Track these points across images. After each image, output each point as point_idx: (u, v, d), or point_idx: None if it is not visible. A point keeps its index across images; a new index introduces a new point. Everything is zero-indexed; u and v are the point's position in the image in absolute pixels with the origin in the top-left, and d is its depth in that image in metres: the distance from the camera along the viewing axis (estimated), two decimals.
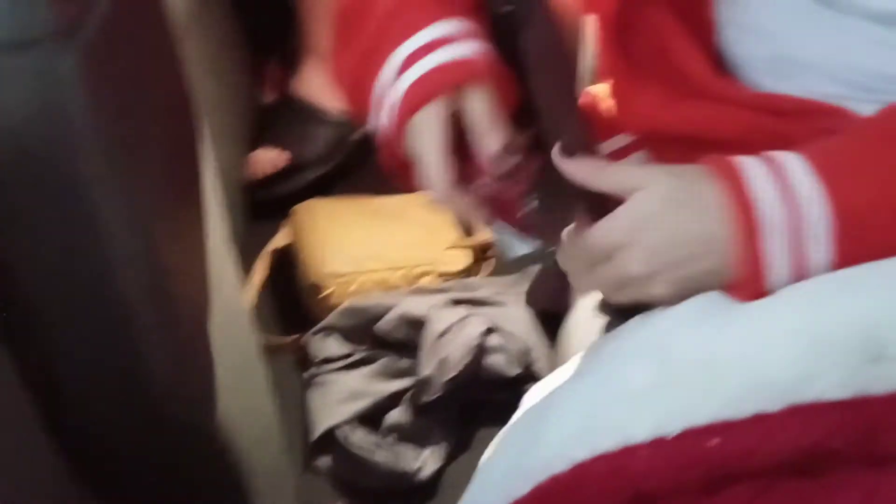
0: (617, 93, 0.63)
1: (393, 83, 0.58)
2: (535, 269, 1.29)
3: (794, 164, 0.48)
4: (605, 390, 0.46)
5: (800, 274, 0.46)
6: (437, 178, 0.57)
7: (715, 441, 0.41)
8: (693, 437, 0.42)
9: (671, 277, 0.49)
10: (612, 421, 0.44)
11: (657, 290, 0.49)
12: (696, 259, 0.48)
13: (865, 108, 0.52)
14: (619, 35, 0.60)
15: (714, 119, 0.56)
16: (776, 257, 0.46)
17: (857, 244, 0.46)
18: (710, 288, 0.48)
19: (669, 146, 0.59)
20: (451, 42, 0.58)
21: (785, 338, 0.43)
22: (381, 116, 0.59)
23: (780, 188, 0.47)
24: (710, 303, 0.48)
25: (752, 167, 0.48)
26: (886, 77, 0.52)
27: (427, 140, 0.57)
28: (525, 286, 1.25)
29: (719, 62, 0.59)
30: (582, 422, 0.46)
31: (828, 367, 0.41)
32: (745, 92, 0.57)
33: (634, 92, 0.61)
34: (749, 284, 0.47)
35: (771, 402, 0.41)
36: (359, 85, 0.61)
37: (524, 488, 0.45)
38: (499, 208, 0.59)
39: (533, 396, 0.54)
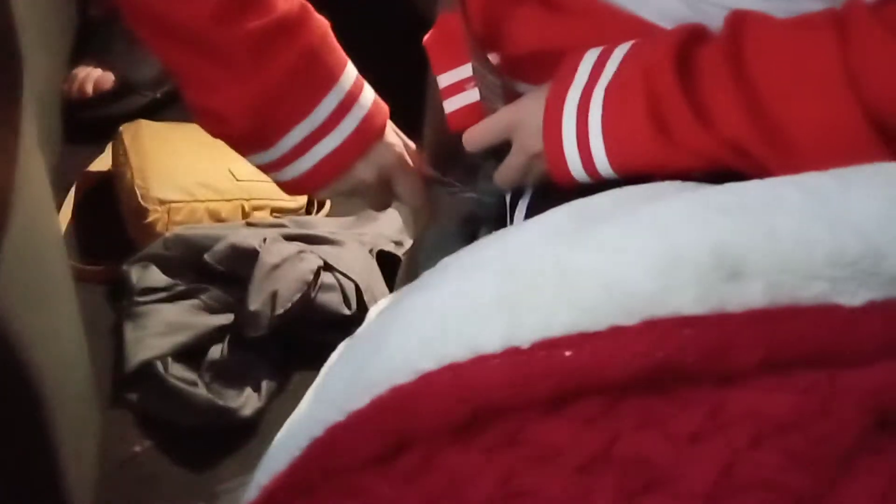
0: (489, 15, 0.65)
1: (341, 118, 0.68)
2: (370, 211, 1.27)
3: (618, 52, 0.58)
4: (453, 301, 0.44)
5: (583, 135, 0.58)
6: (416, 188, 0.72)
7: (569, 352, 0.39)
8: (547, 346, 0.40)
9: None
10: (461, 331, 0.42)
11: (542, 166, 0.61)
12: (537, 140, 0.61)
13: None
14: None
15: (579, 33, 0.60)
16: (568, 134, 0.59)
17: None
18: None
19: (539, 62, 0.62)
20: (363, 86, 0.70)
21: (640, 253, 0.42)
22: (319, 148, 0.68)
23: (594, 76, 0.58)
24: (563, 222, 0.49)
25: (586, 62, 0.59)
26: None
27: (397, 161, 0.70)
28: (364, 228, 1.22)
29: None
30: (429, 332, 0.43)
31: (684, 283, 0.40)
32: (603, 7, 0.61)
33: (508, 13, 0.63)
34: (550, 155, 0.59)
35: (628, 315, 0.40)
36: (267, 119, 0.67)
37: (363, 400, 0.42)
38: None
39: (377, 309, 0.51)
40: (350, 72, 0.69)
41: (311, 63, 0.66)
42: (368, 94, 0.70)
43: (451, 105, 0.70)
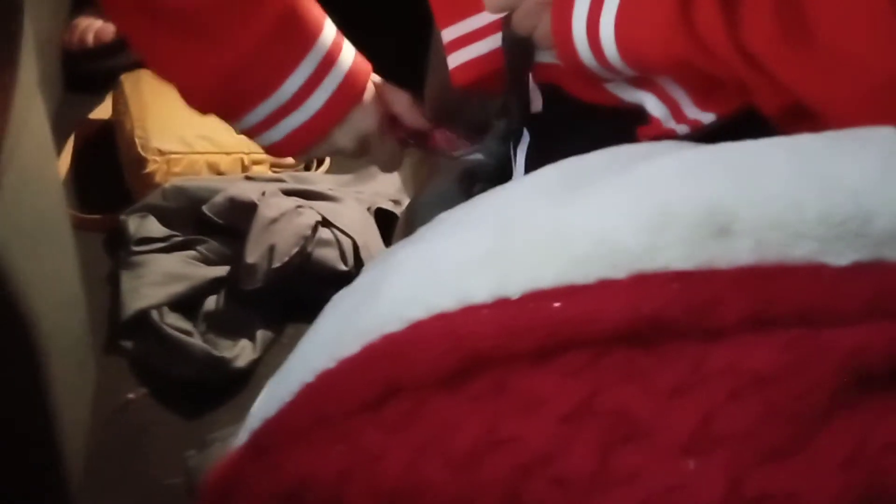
0: None
1: (317, 84, 0.66)
2: (370, 169, 1.26)
3: None
4: (446, 253, 0.44)
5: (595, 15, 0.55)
6: (389, 150, 0.71)
7: (558, 303, 0.40)
8: (536, 298, 0.40)
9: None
10: (452, 282, 0.42)
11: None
12: None
13: None
14: None
15: None
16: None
17: None
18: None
19: None
20: (342, 45, 0.67)
21: (631, 208, 0.42)
22: (289, 121, 0.66)
23: None
24: (557, 178, 0.49)
25: None
26: None
27: (371, 124, 0.69)
28: (362, 186, 1.22)
29: None
30: (421, 283, 0.43)
31: (674, 239, 0.41)
32: None
33: None
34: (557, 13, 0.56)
35: (617, 269, 0.40)
36: (237, 86, 0.64)
37: (354, 347, 0.42)
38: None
39: (372, 263, 0.51)
40: (328, 32, 0.66)
41: (287, 26, 0.63)
42: (347, 55, 0.67)
43: (454, 60, 0.69)
